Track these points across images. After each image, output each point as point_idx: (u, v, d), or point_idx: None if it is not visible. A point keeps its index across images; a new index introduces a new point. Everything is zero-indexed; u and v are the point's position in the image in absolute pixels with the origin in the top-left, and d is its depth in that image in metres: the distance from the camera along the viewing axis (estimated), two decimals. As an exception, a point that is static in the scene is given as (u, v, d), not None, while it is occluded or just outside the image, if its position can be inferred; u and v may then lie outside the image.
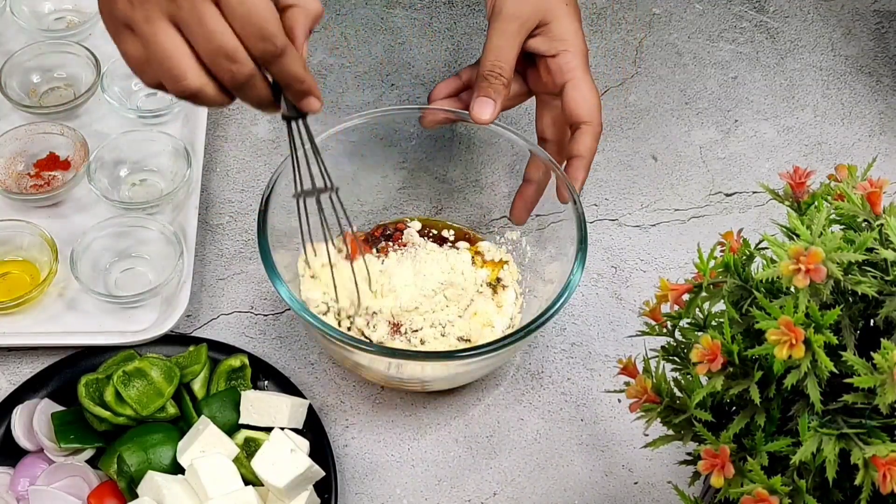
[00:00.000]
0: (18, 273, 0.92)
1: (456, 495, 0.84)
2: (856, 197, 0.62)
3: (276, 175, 0.85)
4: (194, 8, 0.63)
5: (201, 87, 0.66)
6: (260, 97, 0.69)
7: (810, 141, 1.07)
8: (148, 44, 0.65)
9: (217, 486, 0.77)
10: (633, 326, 0.92)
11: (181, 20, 0.64)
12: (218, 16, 0.64)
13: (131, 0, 0.64)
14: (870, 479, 0.54)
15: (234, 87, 0.67)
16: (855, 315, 0.59)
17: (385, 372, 0.82)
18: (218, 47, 0.64)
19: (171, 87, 0.66)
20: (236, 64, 0.65)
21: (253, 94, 0.68)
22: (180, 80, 0.65)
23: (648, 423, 0.63)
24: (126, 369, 0.82)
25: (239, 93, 0.68)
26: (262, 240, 0.81)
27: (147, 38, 0.64)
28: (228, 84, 0.66)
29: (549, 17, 0.85)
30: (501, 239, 0.93)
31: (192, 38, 0.64)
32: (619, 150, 1.05)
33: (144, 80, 0.68)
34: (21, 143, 0.98)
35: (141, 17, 0.64)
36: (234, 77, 0.66)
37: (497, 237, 0.93)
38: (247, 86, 0.67)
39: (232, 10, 0.64)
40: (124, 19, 0.65)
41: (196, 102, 0.67)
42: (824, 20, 1.17)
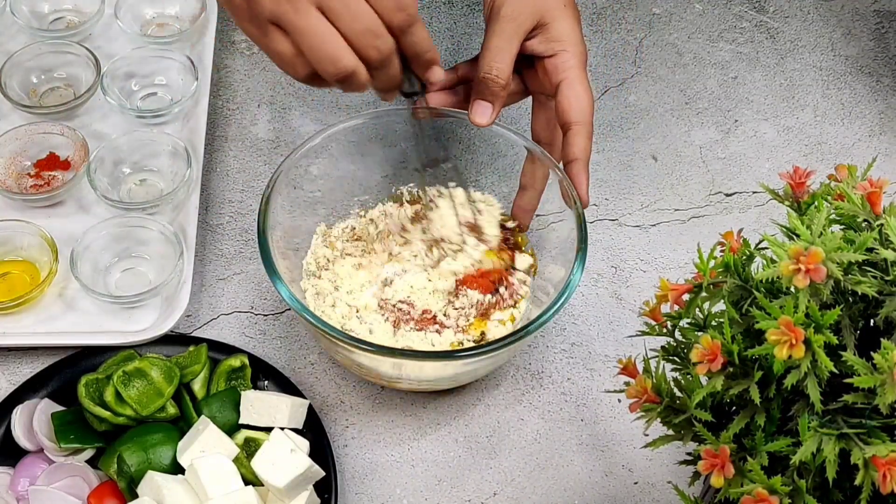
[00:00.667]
0: (18, 273, 0.92)
1: (456, 495, 0.84)
2: (856, 197, 0.62)
3: (276, 175, 0.85)
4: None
5: (356, 67, 0.71)
6: (396, 74, 0.75)
7: (810, 141, 1.07)
8: (301, 34, 0.70)
9: (217, 486, 0.77)
10: (633, 326, 0.92)
11: (327, 6, 0.69)
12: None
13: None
14: (870, 479, 0.54)
15: (378, 65, 0.72)
16: (855, 315, 0.59)
17: (385, 371, 0.82)
18: (365, 26, 0.70)
19: (330, 70, 0.70)
20: (380, 39, 0.71)
21: (390, 72, 0.74)
22: (338, 62, 0.70)
23: (648, 423, 0.63)
24: (126, 369, 0.82)
25: (379, 71, 0.73)
26: (262, 240, 0.81)
27: (299, 28, 0.69)
28: (374, 61, 0.71)
29: (548, 19, 0.85)
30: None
31: (340, 20, 0.69)
32: (619, 150, 1.05)
33: (297, 74, 0.72)
34: (21, 143, 0.98)
35: (289, 10, 0.69)
36: (380, 53, 0.71)
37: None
38: (388, 62, 0.73)
39: None
40: (271, 16, 0.70)
41: (348, 85, 0.72)
42: (824, 20, 1.17)
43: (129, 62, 1.03)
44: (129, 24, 1.06)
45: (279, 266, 0.80)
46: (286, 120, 1.06)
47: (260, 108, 1.07)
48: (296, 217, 0.88)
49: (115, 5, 1.06)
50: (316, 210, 0.91)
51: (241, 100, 1.07)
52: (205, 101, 1.02)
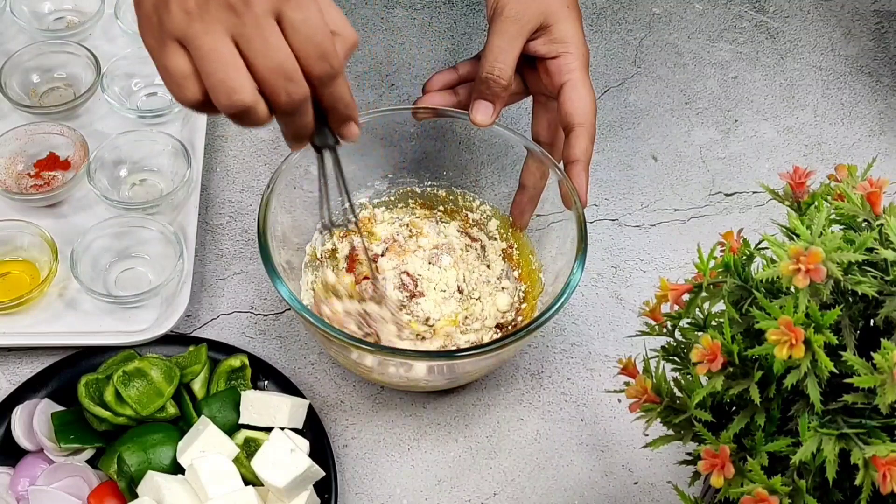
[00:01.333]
0: (18, 273, 0.92)
1: (456, 495, 0.84)
2: (856, 197, 0.62)
3: (276, 175, 0.85)
4: (258, 24, 0.63)
5: (254, 104, 0.64)
6: (306, 123, 0.68)
7: (810, 141, 1.07)
8: (203, 55, 0.63)
9: (217, 486, 0.77)
10: (633, 326, 0.92)
11: (242, 36, 0.63)
12: (280, 35, 0.63)
13: (189, 12, 0.63)
14: (870, 479, 0.54)
15: (286, 109, 0.66)
16: (855, 315, 0.59)
17: (385, 371, 0.82)
18: (279, 65, 0.63)
19: (224, 100, 0.64)
20: (293, 84, 0.64)
21: (300, 120, 0.67)
22: (234, 94, 0.63)
23: (648, 423, 0.63)
24: (126, 369, 0.82)
25: (286, 117, 0.67)
26: (262, 240, 0.81)
27: (203, 49, 0.63)
28: (282, 104, 0.65)
29: (551, 20, 0.85)
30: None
31: (252, 54, 0.63)
32: (619, 150, 1.05)
33: (183, 96, 0.66)
34: (21, 143, 0.98)
35: (200, 30, 0.63)
36: (290, 97, 0.65)
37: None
38: (298, 110, 0.66)
39: (295, 28, 0.63)
40: (176, 32, 0.64)
41: (241, 121, 0.66)
42: (824, 20, 1.17)
43: (129, 62, 1.03)
44: (129, 24, 1.06)
45: (279, 266, 0.80)
46: (286, 120, 1.06)
47: (260, 108, 1.06)
48: (296, 217, 0.88)
49: (115, 5, 1.06)
50: (316, 210, 0.91)
51: (241, 100, 1.07)
52: (205, 101, 1.02)
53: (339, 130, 0.71)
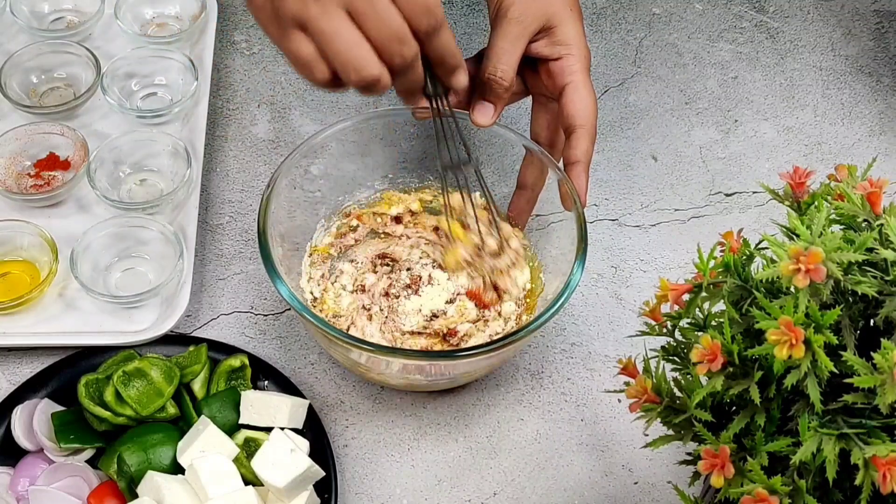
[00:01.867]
0: (18, 273, 0.92)
1: (456, 495, 0.84)
2: (856, 197, 0.62)
3: (277, 175, 0.85)
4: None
5: (381, 74, 0.69)
6: (418, 79, 0.73)
7: (810, 141, 1.07)
8: (326, 38, 0.68)
9: (217, 486, 0.77)
10: (633, 326, 0.92)
11: (356, 10, 0.68)
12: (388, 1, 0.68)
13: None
14: (870, 479, 0.54)
15: (401, 70, 0.71)
16: (855, 315, 0.59)
17: (385, 371, 0.82)
18: (392, 31, 0.68)
19: (354, 77, 0.69)
20: (406, 45, 0.69)
21: (413, 77, 0.73)
22: (363, 70, 0.69)
23: (648, 423, 0.63)
24: (126, 369, 0.82)
25: (402, 76, 0.72)
26: (262, 240, 0.81)
27: (325, 31, 0.68)
28: (398, 67, 0.70)
29: (555, 22, 0.85)
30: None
31: (367, 25, 0.68)
32: (619, 150, 1.05)
33: (314, 78, 0.70)
34: (21, 143, 0.98)
35: (318, 12, 0.67)
36: (404, 58, 0.70)
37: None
38: (411, 68, 0.71)
39: None
40: (296, 17, 0.68)
41: (370, 91, 0.70)
42: (824, 20, 1.17)
43: (129, 62, 1.03)
44: (129, 24, 1.06)
45: (279, 266, 0.80)
46: (286, 120, 1.06)
47: (260, 108, 1.07)
48: (296, 217, 0.88)
49: (115, 5, 1.06)
50: (316, 210, 0.91)
51: (241, 100, 1.07)
52: (205, 101, 1.02)
53: (447, 80, 0.77)
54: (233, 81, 1.08)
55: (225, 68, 1.09)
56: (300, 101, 1.07)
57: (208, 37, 1.07)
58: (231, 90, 1.08)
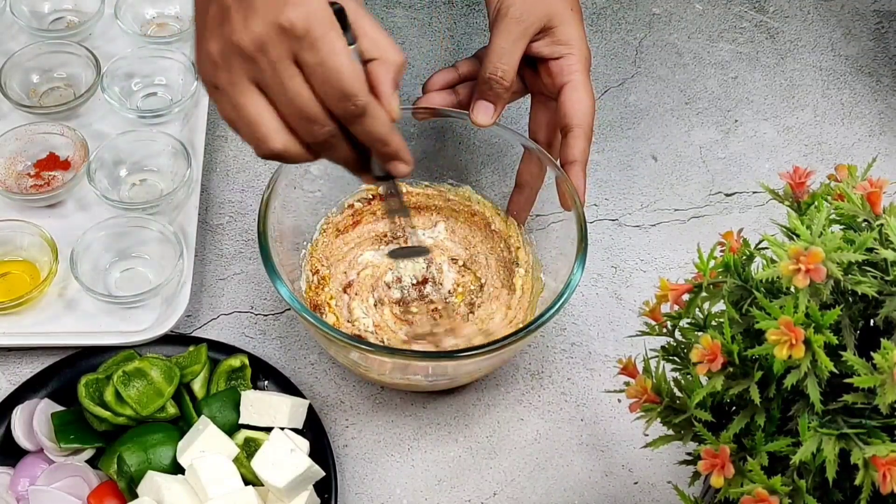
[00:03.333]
0: (18, 273, 0.92)
1: (456, 495, 0.84)
2: (856, 197, 0.62)
3: (277, 175, 0.85)
4: (276, 71, 0.64)
5: (285, 149, 0.67)
6: (344, 157, 0.70)
7: (810, 141, 1.07)
8: (234, 107, 0.66)
9: (217, 486, 0.77)
10: (633, 326, 0.92)
11: (264, 83, 0.65)
12: (299, 77, 0.65)
13: (216, 64, 0.65)
14: (870, 479, 0.54)
15: (316, 147, 0.68)
16: (855, 315, 0.59)
17: (385, 371, 0.82)
18: (299, 109, 0.65)
19: (256, 149, 0.67)
20: (317, 125, 0.66)
21: (336, 155, 0.69)
22: (263, 143, 0.66)
23: (648, 423, 0.63)
24: (126, 369, 0.82)
25: (323, 153, 0.69)
26: (262, 240, 0.81)
27: (233, 101, 0.66)
28: (313, 144, 0.67)
29: (555, 21, 0.85)
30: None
31: (275, 100, 0.65)
32: (619, 150, 1.05)
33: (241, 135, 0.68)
34: (21, 143, 0.98)
35: (226, 81, 0.66)
36: (315, 137, 0.67)
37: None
38: (329, 146, 0.68)
39: (312, 70, 0.64)
40: (212, 81, 0.67)
41: (284, 161, 0.69)
42: (824, 20, 1.17)
43: (129, 62, 1.03)
44: (129, 24, 1.06)
45: (279, 266, 0.80)
46: (286, 120, 1.06)
47: (260, 108, 1.06)
48: (296, 217, 0.88)
49: (115, 5, 1.06)
50: (316, 210, 0.91)
51: (241, 100, 1.07)
52: (205, 101, 1.02)
53: (385, 167, 0.71)
54: (233, 81, 1.08)
55: (225, 68, 1.09)
56: (300, 101, 1.07)
57: (208, 37, 1.07)
58: (231, 90, 1.08)
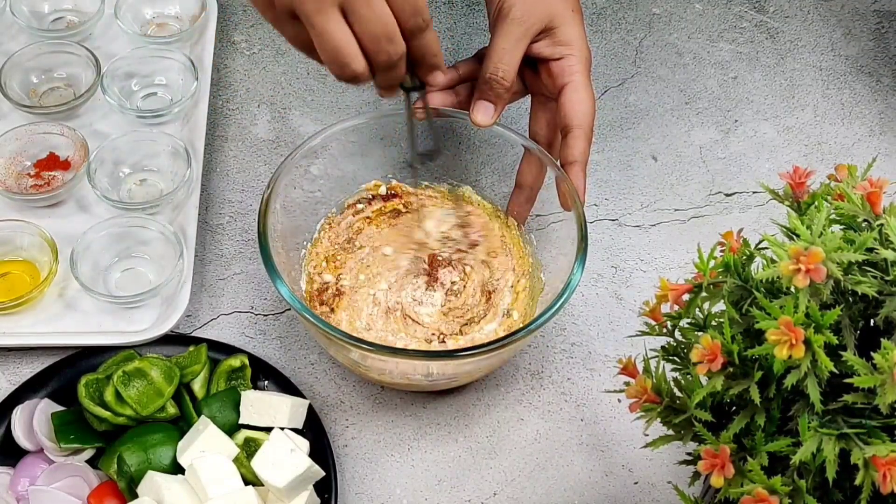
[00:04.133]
0: (18, 273, 0.92)
1: (456, 495, 0.84)
2: (856, 197, 0.62)
3: (276, 175, 0.85)
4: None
5: (364, 71, 0.73)
6: (400, 77, 0.76)
7: (810, 141, 1.07)
8: (318, 33, 0.71)
9: (217, 486, 0.77)
10: (633, 326, 0.92)
11: (351, 8, 0.70)
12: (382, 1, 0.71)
13: None
14: (870, 479, 0.54)
15: (385, 66, 0.74)
16: (855, 315, 0.59)
17: (385, 371, 0.82)
18: (383, 31, 0.71)
19: (336, 72, 0.73)
20: (393, 44, 0.72)
21: (396, 74, 0.75)
22: (346, 67, 0.72)
23: (648, 423, 0.63)
24: (126, 369, 0.82)
25: (386, 73, 0.75)
26: (262, 240, 0.81)
27: (318, 27, 0.70)
28: (383, 63, 0.73)
29: (556, 22, 0.85)
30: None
31: (359, 22, 0.71)
32: (619, 150, 1.05)
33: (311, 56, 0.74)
34: (21, 143, 0.98)
35: (312, 8, 0.70)
36: (391, 57, 0.73)
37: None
38: (396, 66, 0.74)
39: None
40: (291, 8, 0.71)
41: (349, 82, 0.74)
42: (824, 20, 1.17)
43: (129, 62, 1.03)
44: (129, 24, 1.06)
45: (279, 266, 0.80)
46: (286, 120, 1.06)
47: (260, 108, 1.07)
48: (296, 217, 0.88)
49: (115, 5, 1.06)
50: (316, 210, 0.91)
51: (241, 100, 1.07)
52: (205, 101, 1.02)
53: (425, 77, 0.79)
54: (233, 81, 1.08)
55: (225, 68, 1.09)
56: (300, 101, 1.07)
57: (208, 37, 1.07)
58: (231, 90, 1.08)
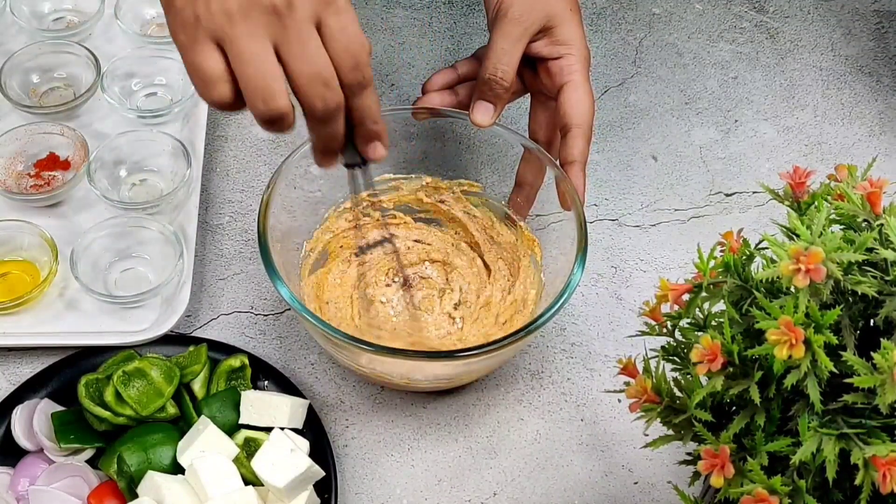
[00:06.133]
0: (18, 273, 0.92)
1: (456, 495, 0.84)
2: (856, 197, 0.62)
3: (276, 175, 0.85)
4: (300, 31, 0.64)
5: (289, 111, 0.65)
6: (337, 133, 0.69)
7: (810, 141, 1.07)
8: (244, 60, 0.63)
9: (217, 486, 0.77)
10: (633, 326, 0.92)
11: (283, 41, 0.64)
12: (319, 41, 0.65)
13: (231, 14, 0.63)
14: (870, 479, 0.54)
15: (321, 116, 0.67)
16: (855, 315, 0.59)
17: (385, 371, 0.82)
18: (318, 72, 0.64)
19: (262, 105, 0.64)
20: (330, 91, 0.65)
21: (332, 129, 0.68)
22: (272, 101, 0.64)
23: (648, 423, 0.63)
24: (126, 369, 0.82)
25: (319, 125, 0.68)
26: (262, 240, 0.81)
27: (244, 54, 0.63)
28: (318, 111, 0.66)
29: (555, 22, 0.85)
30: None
31: (292, 60, 0.64)
32: (619, 150, 1.05)
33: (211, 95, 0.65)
34: (21, 143, 0.98)
35: (242, 33, 0.63)
36: (326, 104, 0.66)
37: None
38: (332, 117, 0.67)
39: (334, 36, 0.64)
40: (216, 32, 0.64)
41: (272, 126, 0.66)
42: (824, 20, 1.17)
43: (129, 62, 1.03)
44: (129, 24, 1.06)
45: (279, 266, 0.80)
46: (286, 120, 1.06)
47: (260, 108, 1.06)
48: (296, 217, 0.88)
49: (115, 5, 1.06)
50: (316, 210, 0.91)
51: (241, 100, 1.07)
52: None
53: (365, 149, 0.71)
54: (233, 81, 1.08)
55: (225, 68, 1.09)
56: (300, 101, 1.07)
57: (208, 37, 1.07)
58: (231, 90, 1.08)
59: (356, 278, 0.90)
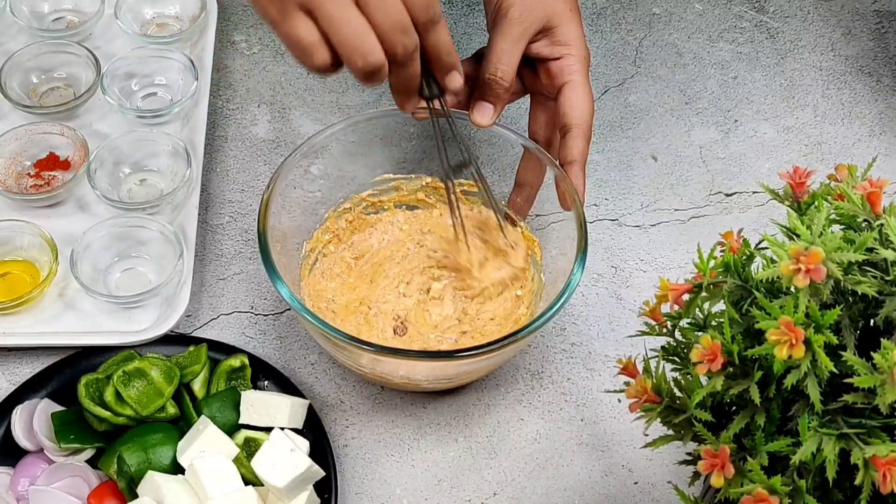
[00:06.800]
0: (18, 273, 0.92)
1: (456, 495, 0.84)
2: (856, 197, 0.62)
3: (276, 175, 0.85)
4: None
5: (384, 63, 0.70)
6: (415, 74, 0.74)
7: (810, 141, 1.07)
8: (335, 23, 0.69)
9: (217, 486, 0.77)
10: (633, 326, 0.92)
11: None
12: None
13: None
14: (870, 479, 0.54)
15: (401, 61, 0.72)
16: (855, 315, 0.59)
17: (385, 371, 0.82)
18: (396, 20, 0.69)
19: (361, 62, 0.70)
20: (408, 35, 0.71)
21: (411, 70, 0.73)
22: (369, 56, 0.69)
23: (648, 423, 0.63)
24: (126, 369, 0.82)
25: (401, 69, 0.73)
26: (262, 240, 0.81)
27: (333, 17, 0.68)
28: (398, 57, 0.71)
29: (555, 22, 0.85)
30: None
31: (373, 12, 0.69)
32: (619, 150, 1.05)
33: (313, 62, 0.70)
34: (21, 143, 0.98)
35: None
36: (406, 48, 0.71)
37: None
38: (411, 60, 0.72)
39: None
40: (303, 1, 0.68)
41: (371, 79, 0.71)
42: (824, 20, 1.17)
43: (129, 62, 1.03)
44: (129, 24, 1.06)
45: (279, 266, 0.80)
46: (286, 120, 1.06)
47: (260, 108, 1.07)
48: (296, 217, 0.88)
49: (115, 5, 1.06)
50: (316, 210, 0.91)
51: (241, 100, 1.07)
52: (205, 101, 1.02)
53: (442, 79, 0.77)
54: (233, 81, 1.08)
55: (225, 68, 1.09)
56: (300, 101, 1.07)
57: (208, 37, 1.07)
58: (231, 90, 1.08)
59: (357, 278, 0.90)
